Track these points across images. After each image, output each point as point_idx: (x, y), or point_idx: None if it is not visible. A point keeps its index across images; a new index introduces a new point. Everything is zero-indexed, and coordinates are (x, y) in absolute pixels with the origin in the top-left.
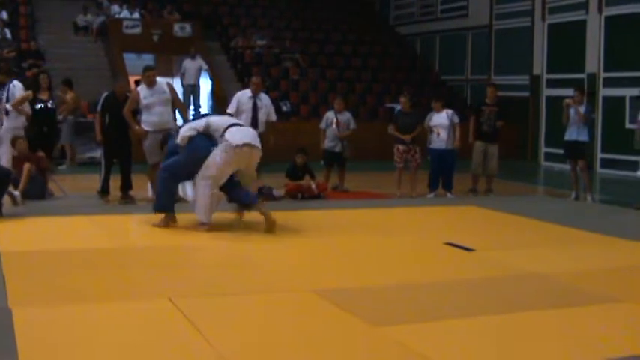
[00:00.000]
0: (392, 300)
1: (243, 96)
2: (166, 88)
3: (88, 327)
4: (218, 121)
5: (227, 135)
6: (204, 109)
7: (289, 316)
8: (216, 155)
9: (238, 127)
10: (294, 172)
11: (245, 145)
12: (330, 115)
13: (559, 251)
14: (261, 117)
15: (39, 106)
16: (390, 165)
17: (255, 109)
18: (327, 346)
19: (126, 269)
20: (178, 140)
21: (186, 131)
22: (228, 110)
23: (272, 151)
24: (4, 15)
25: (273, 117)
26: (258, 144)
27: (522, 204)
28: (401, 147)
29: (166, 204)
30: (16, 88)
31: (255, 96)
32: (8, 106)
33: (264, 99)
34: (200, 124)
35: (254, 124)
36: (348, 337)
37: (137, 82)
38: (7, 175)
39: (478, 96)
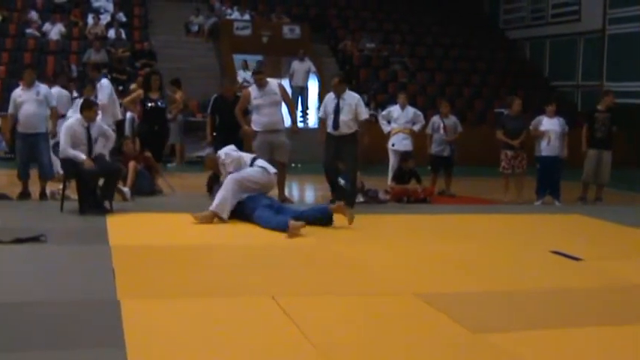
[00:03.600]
0: (494, 307)
1: (328, 99)
2: (277, 90)
3: (192, 321)
4: (243, 159)
5: (257, 162)
6: (312, 110)
7: (390, 319)
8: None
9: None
10: (400, 175)
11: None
12: (436, 119)
13: None
14: (343, 117)
15: (150, 105)
16: (494, 170)
17: (337, 110)
18: (425, 350)
19: (230, 266)
20: None
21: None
22: (319, 115)
23: (376, 153)
24: (122, 17)
25: (363, 115)
26: (273, 171)
27: (631, 214)
28: (509, 152)
29: None
30: (102, 87)
31: (338, 97)
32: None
33: (349, 98)
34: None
35: (335, 125)
36: (447, 342)
37: None
38: (118, 172)
39: (589, 102)
